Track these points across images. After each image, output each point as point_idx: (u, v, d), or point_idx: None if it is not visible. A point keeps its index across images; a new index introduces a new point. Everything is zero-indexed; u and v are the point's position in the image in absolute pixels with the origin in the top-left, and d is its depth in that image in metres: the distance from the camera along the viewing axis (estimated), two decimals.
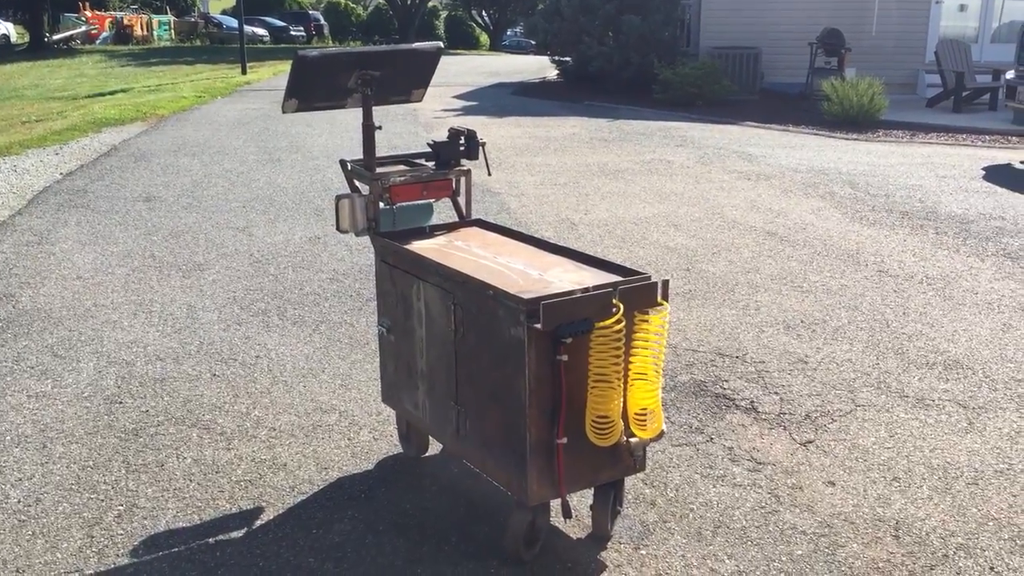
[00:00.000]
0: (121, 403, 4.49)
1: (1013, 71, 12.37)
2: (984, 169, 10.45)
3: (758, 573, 3.18)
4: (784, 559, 3.26)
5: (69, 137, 12.56)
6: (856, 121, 13.90)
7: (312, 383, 4.71)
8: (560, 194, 9.05)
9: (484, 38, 50.28)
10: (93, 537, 3.39)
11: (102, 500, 3.64)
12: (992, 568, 3.21)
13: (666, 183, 9.62)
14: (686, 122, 14.44)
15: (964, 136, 13.21)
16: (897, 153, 11.65)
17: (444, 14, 50.82)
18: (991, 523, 3.49)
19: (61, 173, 10.15)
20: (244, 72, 22.86)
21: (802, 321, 5.58)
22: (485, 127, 13.06)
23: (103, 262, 6.79)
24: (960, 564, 3.24)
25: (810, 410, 4.41)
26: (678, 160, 10.99)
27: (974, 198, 8.89)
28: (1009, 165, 10.77)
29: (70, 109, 15.82)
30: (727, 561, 3.25)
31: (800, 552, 3.30)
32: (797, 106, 15.95)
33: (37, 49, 35.48)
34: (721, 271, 6.58)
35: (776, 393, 4.59)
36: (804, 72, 16.70)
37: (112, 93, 18.80)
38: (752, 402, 4.49)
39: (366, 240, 3.84)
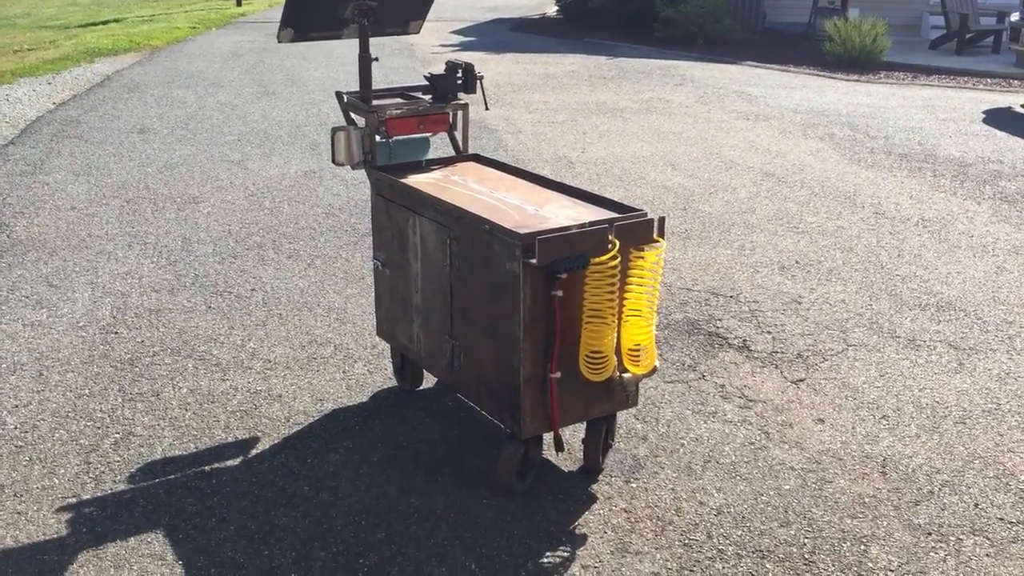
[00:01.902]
0: (117, 333, 4.50)
1: (1018, 13, 12.21)
2: (984, 112, 10.38)
3: (746, 507, 3.24)
4: (772, 494, 3.31)
5: (62, 67, 12.40)
6: (858, 62, 13.76)
7: (307, 316, 4.73)
8: (557, 132, 8.99)
9: None
10: (90, 463, 3.43)
11: (99, 428, 3.67)
12: (976, 505, 3.27)
13: (664, 122, 9.55)
14: (686, 61, 14.29)
15: (966, 79, 13.10)
16: (898, 95, 11.56)
17: None
18: (977, 461, 3.54)
19: (54, 103, 10.05)
20: (239, 3, 22.49)
21: (797, 262, 5.59)
22: (483, 63, 12.92)
23: (97, 193, 6.75)
24: (945, 500, 3.29)
25: (802, 349, 4.44)
26: (677, 99, 10.90)
27: (973, 141, 8.85)
28: (1010, 108, 10.70)
29: (62, 38, 15.59)
30: (716, 495, 3.31)
31: (788, 487, 3.36)
32: (799, 46, 15.76)
33: None
34: (717, 211, 6.56)
35: (769, 332, 4.62)
36: (807, 11, 16.47)
37: (105, 23, 18.52)
38: (745, 341, 4.52)
39: (362, 175, 3.83)
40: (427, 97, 3.93)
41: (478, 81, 3.89)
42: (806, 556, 2.98)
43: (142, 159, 7.72)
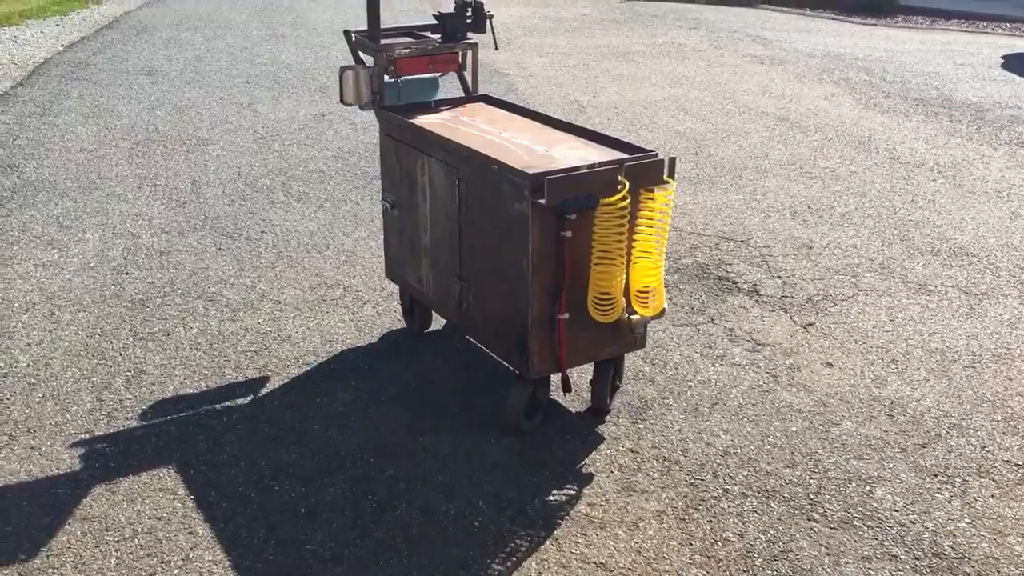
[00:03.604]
0: (128, 274, 4.52)
1: None
2: (1003, 57, 10.21)
3: (752, 448, 3.25)
4: (778, 435, 3.33)
5: (69, 8, 12.30)
6: (875, 6, 13.53)
7: (316, 258, 4.73)
8: (569, 76, 8.90)
9: None
10: (102, 401, 3.47)
11: (110, 366, 3.70)
12: (983, 447, 3.28)
13: (677, 66, 9.43)
14: (700, 4, 14.07)
15: (985, 23, 12.87)
16: (916, 39, 11.38)
17: None
18: (985, 405, 3.54)
19: (62, 45, 9.98)
20: None
21: (809, 207, 5.55)
22: (494, 7, 12.71)
23: (106, 135, 6.73)
24: (952, 443, 3.30)
25: (812, 294, 4.43)
26: (690, 43, 10.76)
27: (991, 86, 8.72)
28: None
29: None
30: (722, 436, 3.32)
31: (795, 429, 3.37)
32: None
33: None
34: (730, 156, 6.51)
35: (779, 277, 4.60)
36: None
37: None
38: (755, 285, 4.51)
39: (371, 120, 3.80)
40: (436, 36, 3.88)
41: (488, 20, 3.84)
42: (811, 496, 3.00)
43: (151, 101, 7.68)
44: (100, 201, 5.45)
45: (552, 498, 2.98)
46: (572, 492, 3.01)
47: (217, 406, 3.46)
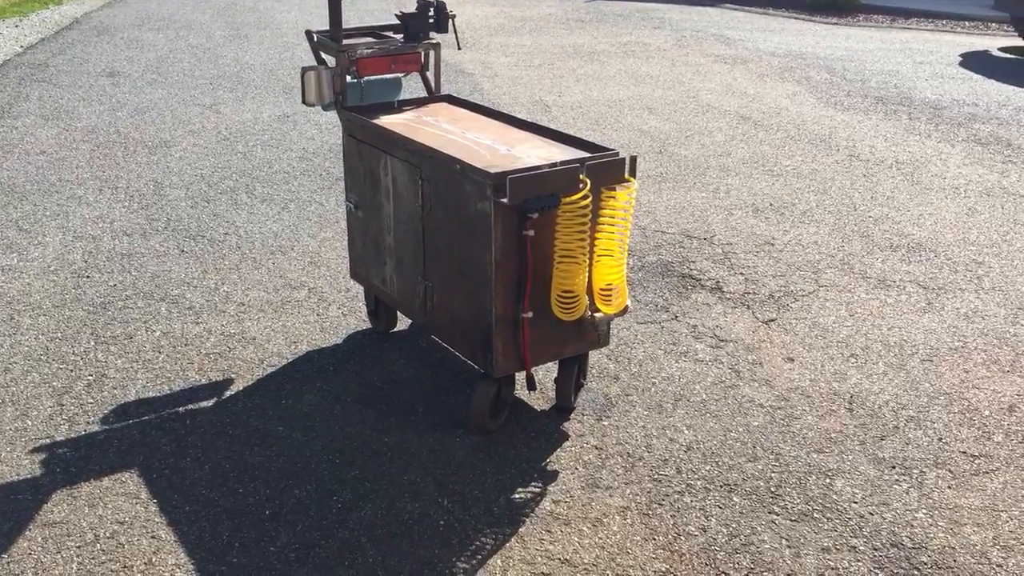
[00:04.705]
0: (88, 277, 4.48)
1: None
2: (961, 55, 10.37)
3: (715, 443, 3.29)
4: (741, 430, 3.37)
5: (29, 9, 12.14)
6: (837, 5, 13.68)
7: (281, 260, 4.71)
8: (534, 76, 8.92)
9: None
10: (63, 405, 3.43)
11: (71, 370, 3.67)
12: (940, 439, 3.33)
13: (642, 66, 9.49)
14: (665, 3, 14.16)
15: (944, 22, 13.06)
16: (876, 38, 11.52)
17: None
18: (942, 397, 3.60)
19: (21, 46, 9.85)
20: None
21: (771, 204, 5.61)
22: (459, 6, 12.75)
23: (67, 137, 6.66)
24: (910, 435, 3.36)
25: (774, 290, 4.48)
26: (655, 43, 10.82)
27: (949, 84, 8.86)
28: (987, 52, 10.69)
29: None
30: (686, 432, 3.35)
31: (756, 423, 3.41)
32: None
33: None
34: (693, 154, 6.56)
35: (742, 274, 4.65)
36: None
37: None
38: (718, 282, 4.55)
39: (337, 120, 3.79)
40: (398, 36, 3.89)
41: (450, 20, 3.84)
42: (772, 489, 3.04)
43: (112, 103, 7.61)
44: (60, 204, 5.40)
45: (517, 496, 3.00)
46: (537, 489, 3.03)
47: (180, 409, 3.44)
